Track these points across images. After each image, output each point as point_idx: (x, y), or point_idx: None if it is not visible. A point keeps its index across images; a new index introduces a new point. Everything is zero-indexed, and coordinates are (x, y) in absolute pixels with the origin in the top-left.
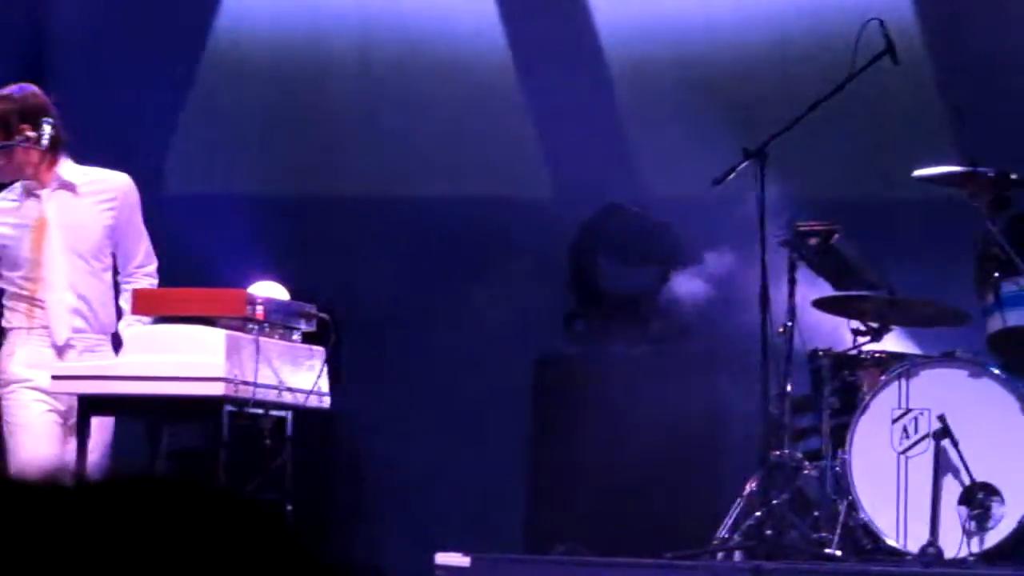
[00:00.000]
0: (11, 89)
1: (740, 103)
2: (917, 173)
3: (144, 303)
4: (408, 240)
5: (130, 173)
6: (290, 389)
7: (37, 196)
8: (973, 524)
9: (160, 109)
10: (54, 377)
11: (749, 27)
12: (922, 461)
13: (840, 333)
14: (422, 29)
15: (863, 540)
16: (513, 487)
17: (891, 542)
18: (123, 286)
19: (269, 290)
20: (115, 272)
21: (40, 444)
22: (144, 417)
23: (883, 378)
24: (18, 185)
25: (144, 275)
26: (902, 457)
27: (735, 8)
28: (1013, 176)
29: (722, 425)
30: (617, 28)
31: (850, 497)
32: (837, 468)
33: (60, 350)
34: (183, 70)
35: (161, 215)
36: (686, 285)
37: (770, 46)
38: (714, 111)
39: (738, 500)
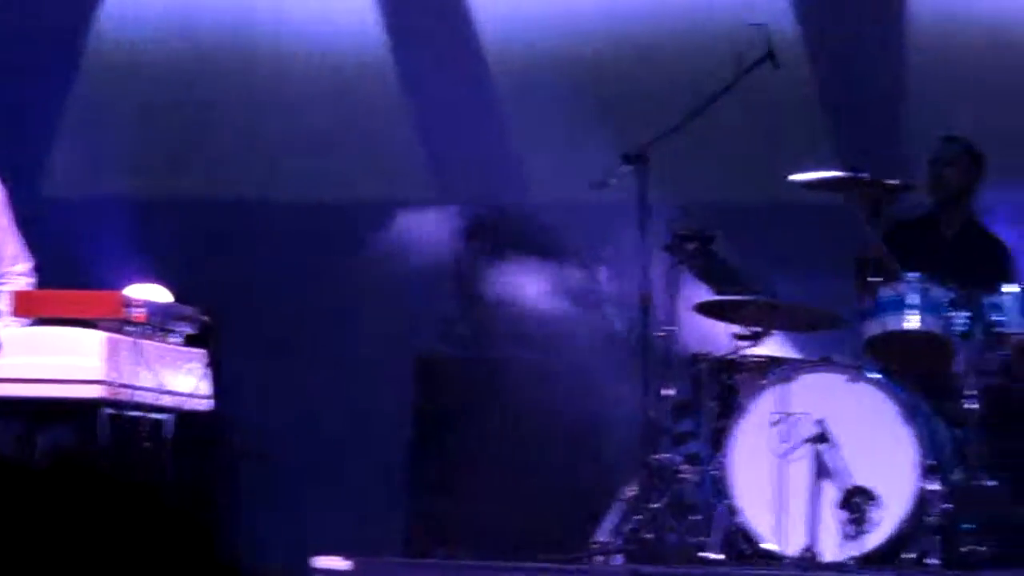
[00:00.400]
0: None
1: (624, 105)
2: (795, 178)
3: (23, 305)
4: (290, 242)
5: (9, 174)
6: (170, 392)
7: None
8: (851, 528)
9: (39, 110)
10: None
11: (633, 28)
12: (800, 465)
13: (720, 337)
14: (303, 30)
15: (741, 544)
16: (393, 490)
17: (769, 546)
18: None
19: (150, 292)
20: None
21: None
22: (21, 419)
23: (762, 382)
24: None
25: (18, 275)
26: (781, 461)
27: (618, 9)
28: (891, 181)
29: (602, 429)
30: (500, 28)
31: (729, 501)
32: (716, 472)
33: None
34: (63, 71)
35: (41, 217)
36: (568, 289)
37: (654, 48)
38: (598, 113)
39: (617, 503)
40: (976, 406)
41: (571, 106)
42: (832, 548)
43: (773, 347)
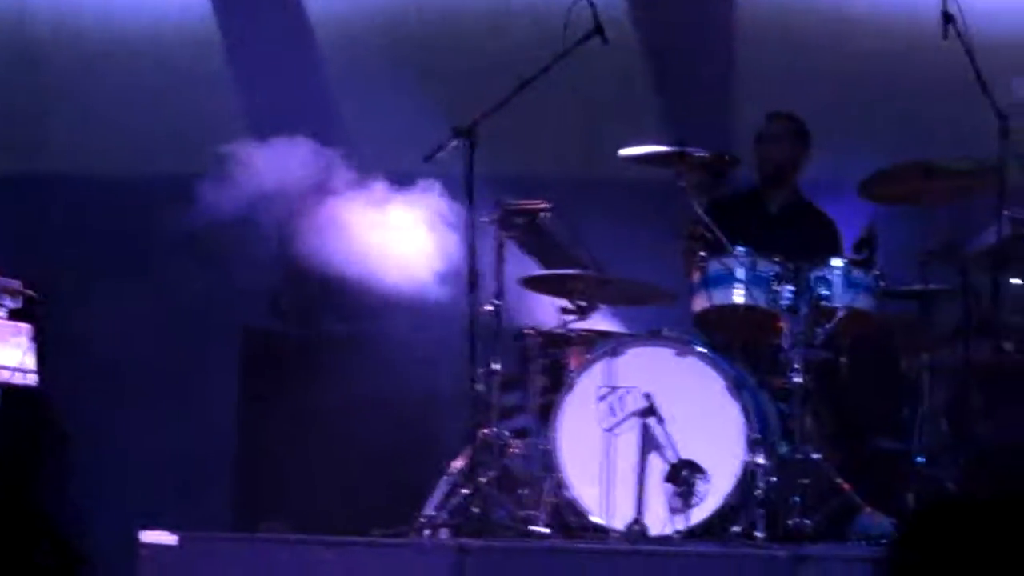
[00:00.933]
0: None
1: (453, 79)
2: (624, 152)
3: None
4: (114, 216)
5: None
6: None
7: None
8: (678, 501)
9: None
10: None
11: (462, 1)
12: (628, 439)
13: (548, 312)
14: (127, 4)
15: (569, 517)
16: (221, 464)
17: (597, 519)
18: None
19: None
20: None
21: None
22: None
23: (590, 356)
24: None
25: None
26: (609, 435)
27: None
28: (719, 156)
29: (430, 403)
30: (327, 2)
31: (557, 475)
32: (544, 446)
33: None
34: None
35: None
36: (396, 263)
37: (482, 22)
38: (428, 86)
39: (445, 478)
40: (802, 380)
41: (400, 79)
42: (659, 521)
43: (601, 321)
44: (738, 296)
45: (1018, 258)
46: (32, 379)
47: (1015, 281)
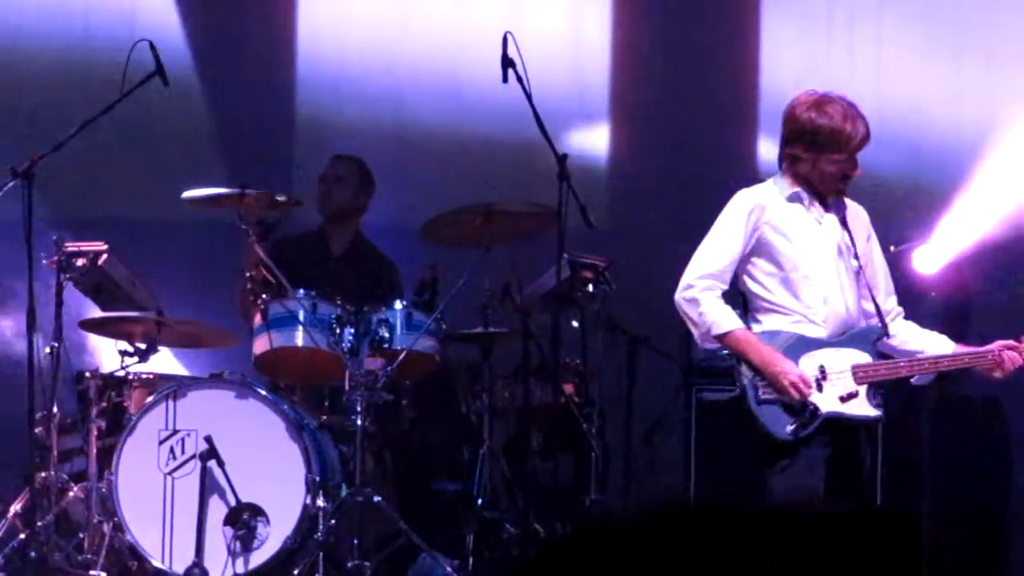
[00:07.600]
0: None
1: (10, 119)
2: (187, 194)
3: None
4: None
5: None
6: None
7: None
8: (238, 544)
9: None
10: None
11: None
12: (189, 482)
13: (109, 354)
14: None
15: (129, 561)
16: None
17: (157, 563)
18: None
19: None
20: None
21: None
22: None
23: (150, 399)
24: None
25: None
26: (169, 478)
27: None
28: (280, 197)
29: None
30: None
31: (116, 518)
32: (103, 490)
33: None
34: None
35: None
36: None
37: (48, 64)
38: None
39: (2, 522)
40: (364, 422)
41: None
42: (220, 565)
43: (163, 364)
44: (299, 339)
45: (576, 301)
46: None
47: (574, 324)
